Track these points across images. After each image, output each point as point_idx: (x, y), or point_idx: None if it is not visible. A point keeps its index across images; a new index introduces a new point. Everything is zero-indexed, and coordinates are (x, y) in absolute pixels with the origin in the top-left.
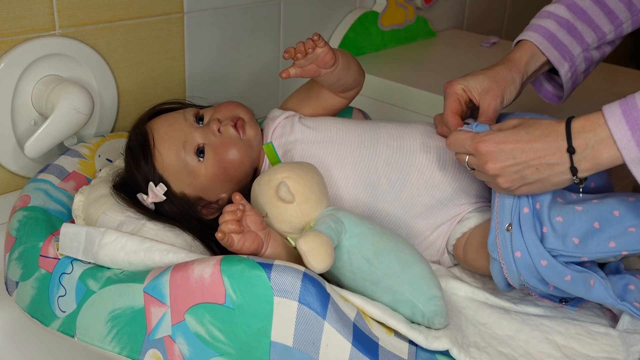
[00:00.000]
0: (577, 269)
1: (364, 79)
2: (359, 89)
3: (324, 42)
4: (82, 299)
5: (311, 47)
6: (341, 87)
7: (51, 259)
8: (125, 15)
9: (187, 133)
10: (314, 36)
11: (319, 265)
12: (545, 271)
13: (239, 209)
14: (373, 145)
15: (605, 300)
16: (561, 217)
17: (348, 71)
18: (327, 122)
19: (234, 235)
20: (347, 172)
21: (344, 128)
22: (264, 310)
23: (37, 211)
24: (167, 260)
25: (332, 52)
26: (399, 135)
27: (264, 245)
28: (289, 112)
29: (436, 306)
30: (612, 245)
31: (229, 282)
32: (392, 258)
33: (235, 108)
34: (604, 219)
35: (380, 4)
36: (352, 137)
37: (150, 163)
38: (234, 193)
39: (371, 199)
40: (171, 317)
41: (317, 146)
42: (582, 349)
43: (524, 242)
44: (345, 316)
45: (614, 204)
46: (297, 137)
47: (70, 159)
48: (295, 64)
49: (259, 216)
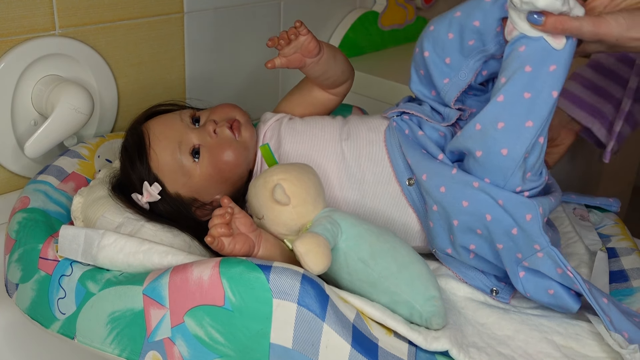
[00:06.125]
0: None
1: (353, 74)
2: (350, 84)
3: (307, 30)
4: (81, 301)
5: (294, 33)
6: (329, 79)
7: (51, 261)
8: (125, 15)
9: (182, 133)
10: (296, 23)
11: (316, 267)
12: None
13: (227, 212)
14: (353, 141)
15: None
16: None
17: (335, 61)
18: (311, 122)
19: (224, 238)
20: (330, 171)
21: (327, 126)
22: (263, 312)
23: (37, 213)
24: (165, 262)
25: (315, 41)
26: (377, 127)
27: (255, 246)
28: (280, 115)
29: (434, 307)
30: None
31: (227, 284)
32: (388, 259)
33: (231, 110)
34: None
35: (380, 4)
36: (331, 134)
37: (146, 162)
38: (222, 197)
39: (359, 196)
40: (170, 319)
41: (300, 146)
42: (581, 349)
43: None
44: (345, 317)
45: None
46: (282, 139)
47: (69, 160)
48: (280, 53)
49: (249, 218)
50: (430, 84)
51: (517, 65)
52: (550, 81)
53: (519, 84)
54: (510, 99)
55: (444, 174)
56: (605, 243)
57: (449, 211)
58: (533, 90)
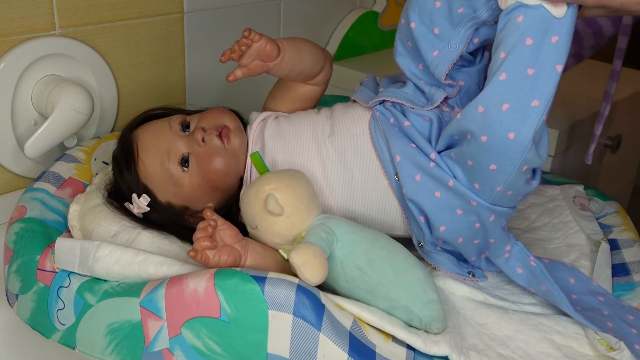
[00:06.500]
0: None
1: (329, 60)
2: (328, 71)
3: (259, 36)
4: (80, 312)
5: (245, 44)
6: (301, 74)
7: (49, 273)
8: (125, 15)
9: (171, 142)
10: (245, 32)
11: (313, 278)
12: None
13: (209, 225)
14: (337, 137)
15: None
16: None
17: (300, 56)
18: (295, 121)
19: (208, 251)
20: (317, 171)
21: (310, 123)
22: (259, 324)
23: (34, 223)
24: (161, 273)
25: (272, 43)
26: (361, 118)
27: (241, 257)
28: (265, 114)
29: (432, 311)
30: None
31: (223, 296)
32: (385, 266)
33: (221, 116)
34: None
35: (380, 4)
36: (314, 133)
37: (134, 173)
38: (205, 209)
39: (349, 194)
40: (168, 331)
41: (283, 149)
42: (581, 349)
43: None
44: (341, 326)
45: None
46: (265, 143)
47: (65, 165)
48: (239, 64)
49: (234, 229)
50: (417, 57)
51: (517, 38)
52: (554, 54)
53: (520, 59)
54: (513, 77)
55: (440, 183)
56: (606, 234)
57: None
58: (536, 66)
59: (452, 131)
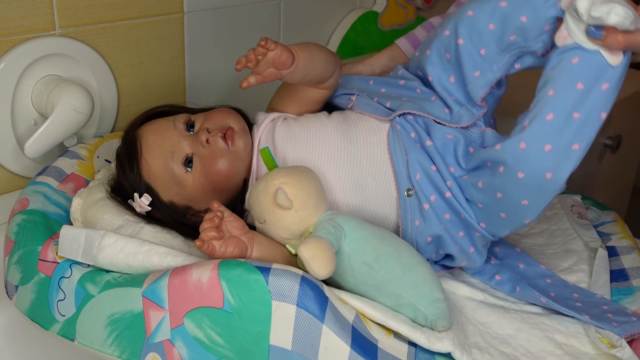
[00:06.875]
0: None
1: (338, 65)
2: (337, 76)
3: (275, 44)
4: (81, 303)
5: (261, 53)
6: (313, 80)
7: (50, 263)
8: (125, 15)
9: (175, 142)
10: (261, 41)
11: (321, 272)
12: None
13: (216, 216)
14: (352, 143)
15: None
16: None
17: (313, 63)
18: (306, 124)
19: (215, 241)
20: (331, 176)
21: (323, 127)
22: (262, 314)
23: (36, 214)
24: (165, 264)
25: (287, 52)
26: (378, 128)
27: (247, 248)
28: (274, 115)
29: (438, 309)
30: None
31: (227, 286)
32: (392, 262)
33: (226, 117)
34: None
35: (380, 4)
36: (327, 136)
37: (137, 172)
38: (212, 201)
39: (361, 200)
40: (170, 321)
41: (298, 150)
42: (582, 347)
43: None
44: (344, 319)
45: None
46: (277, 145)
47: (68, 161)
48: (253, 71)
49: (240, 221)
50: (451, 70)
51: (568, 80)
52: (602, 101)
53: (569, 101)
54: (559, 119)
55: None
56: (605, 242)
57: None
58: (583, 111)
59: (487, 157)
